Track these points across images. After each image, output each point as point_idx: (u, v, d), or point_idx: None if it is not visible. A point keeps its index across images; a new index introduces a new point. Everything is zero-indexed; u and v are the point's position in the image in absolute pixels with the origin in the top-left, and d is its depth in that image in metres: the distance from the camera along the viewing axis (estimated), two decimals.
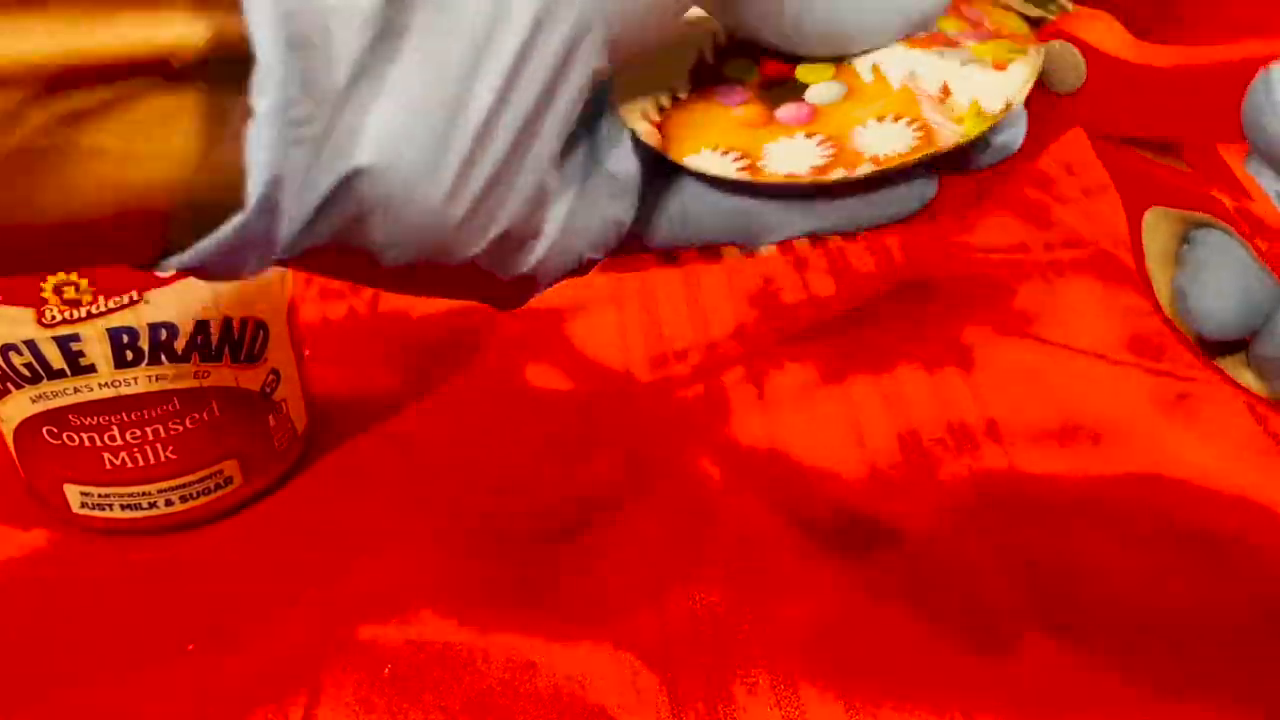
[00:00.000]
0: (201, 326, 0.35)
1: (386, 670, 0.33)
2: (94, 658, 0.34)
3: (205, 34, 0.17)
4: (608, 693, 0.32)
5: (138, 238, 0.18)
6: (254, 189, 0.17)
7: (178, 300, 0.34)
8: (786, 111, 0.27)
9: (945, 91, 0.27)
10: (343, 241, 0.20)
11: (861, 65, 0.28)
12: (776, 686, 0.32)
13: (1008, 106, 0.27)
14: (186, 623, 0.35)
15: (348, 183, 0.18)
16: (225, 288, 0.35)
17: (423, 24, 0.18)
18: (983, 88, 0.27)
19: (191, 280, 0.30)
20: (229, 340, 0.36)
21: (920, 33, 0.29)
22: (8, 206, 0.17)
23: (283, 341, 0.38)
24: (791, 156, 0.26)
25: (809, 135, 0.26)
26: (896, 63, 0.28)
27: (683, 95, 0.27)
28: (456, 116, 0.19)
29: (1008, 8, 0.30)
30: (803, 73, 0.28)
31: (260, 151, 0.17)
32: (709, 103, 0.27)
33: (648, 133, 0.26)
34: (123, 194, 0.17)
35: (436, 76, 0.19)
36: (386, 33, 0.18)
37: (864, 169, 0.25)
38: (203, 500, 0.38)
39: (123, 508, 0.37)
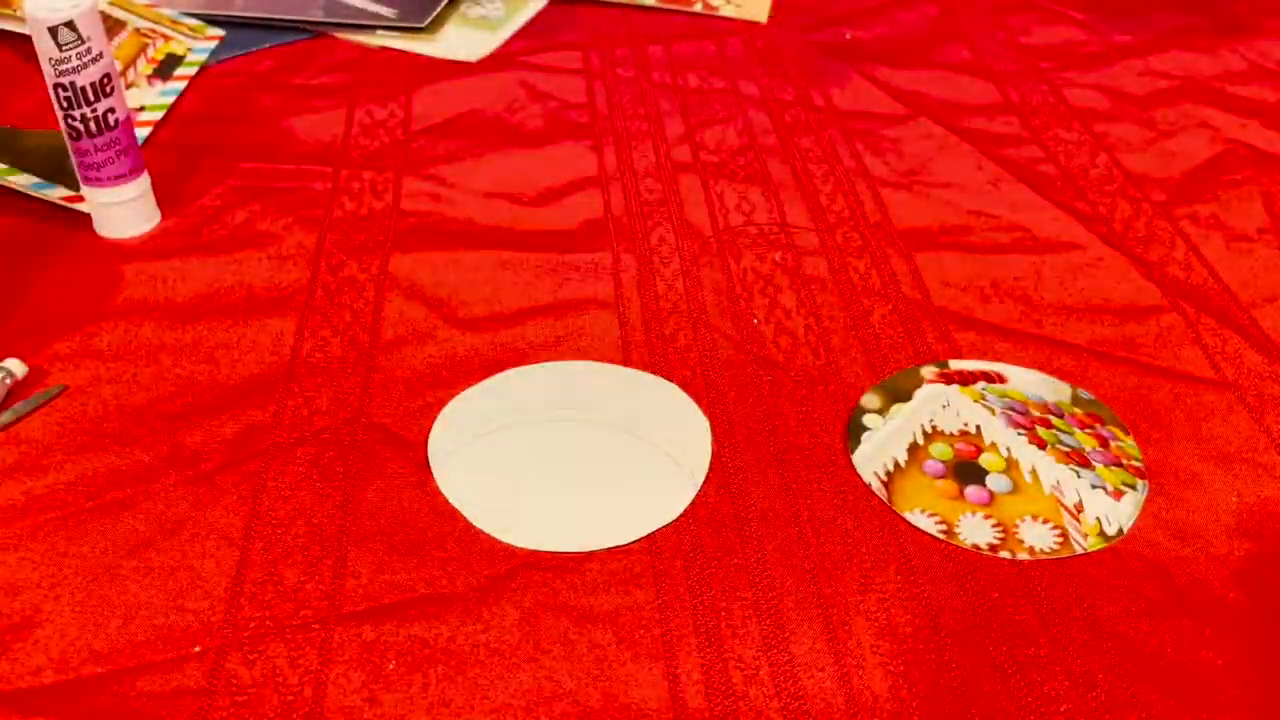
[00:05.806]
0: None
1: (390, 665, 0.37)
2: None
3: None
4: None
5: None
6: None
7: None
8: (973, 491, 0.39)
9: (1079, 508, 0.39)
10: None
11: (1025, 465, 0.40)
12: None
13: (1119, 532, 0.38)
14: None
15: None
16: None
17: None
18: (1105, 511, 0.39)
19: None
20: None
21: None
22: None
23: None
24: (975, 531, 0.38)
25: (987, 517, 0.38)
26: (1046, 470, 0.40)
27: (902, 465, 0.40)
28: None
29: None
30: (985, 460, 0.40)
31: None
32: (919, 473, 0.40)
33: (878, 489, 0.39)
34: None
35: None
36: None
37: (1023, 555, 0.37)
38: None
39: None
